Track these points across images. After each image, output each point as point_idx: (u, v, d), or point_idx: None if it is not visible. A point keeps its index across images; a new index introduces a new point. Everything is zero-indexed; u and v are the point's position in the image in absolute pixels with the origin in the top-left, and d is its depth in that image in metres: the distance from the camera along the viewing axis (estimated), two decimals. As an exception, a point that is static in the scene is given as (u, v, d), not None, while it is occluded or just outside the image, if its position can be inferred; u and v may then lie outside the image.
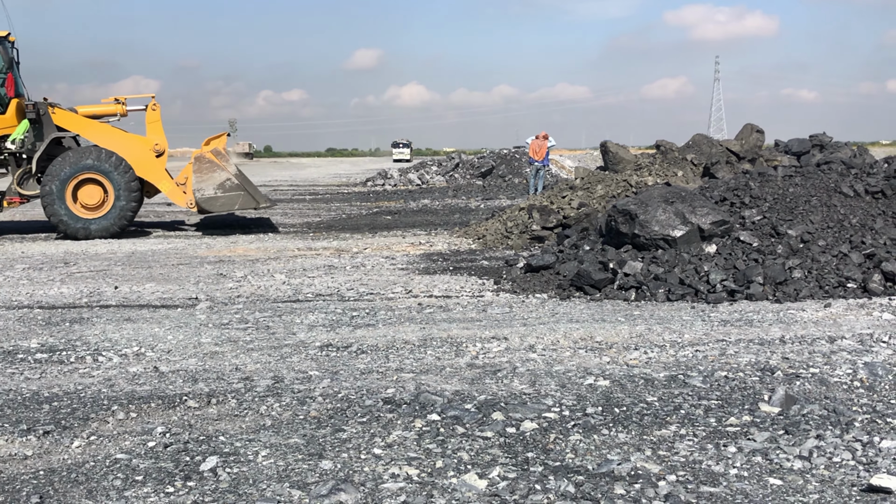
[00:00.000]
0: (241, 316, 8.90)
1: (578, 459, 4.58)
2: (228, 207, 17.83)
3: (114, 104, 19.15)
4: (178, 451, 4.85)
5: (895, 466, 4.39)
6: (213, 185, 17.70)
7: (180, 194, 18.30)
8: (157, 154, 18.38)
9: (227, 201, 17.71)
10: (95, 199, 17.55)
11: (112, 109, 19.10)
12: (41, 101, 18.13)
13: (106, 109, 19.10)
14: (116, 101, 19.22)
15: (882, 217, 10.25)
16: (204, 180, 17.73)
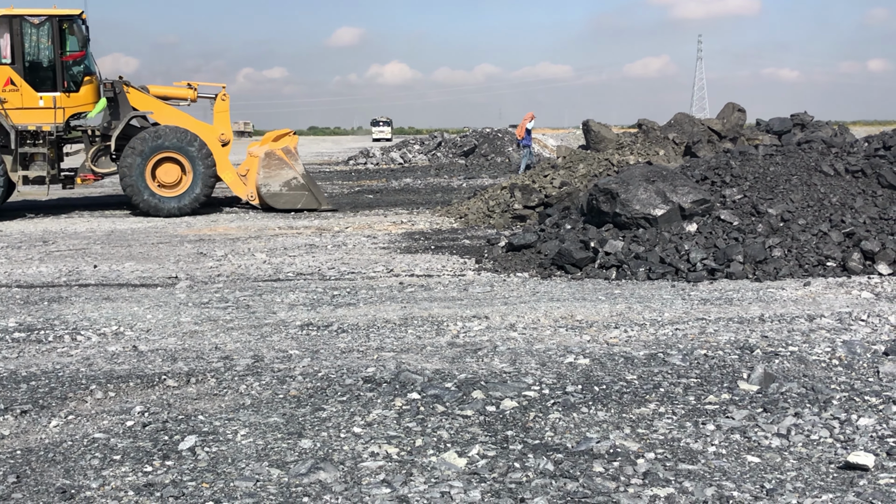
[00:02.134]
0: (221, 295, 8.87)
1: (558, 437, 4.59)
2: (291, 205, 18.17)
3: (186, 88, 19.43)
4: (157, 430, 4.83)
5: (872, 444, 4.42)
6: (280, 183, 18.16)
7: (241, 185, 18.76)
8: (222, 144, 18.74)
9: (291, 199, 18.14)
10: (173, 177, 17.86)
11: (183, 94, 19.36)
12: (117, 80, 18.34)
13: (177, 93, 19.36)
14: (189, 85, 19.50)
15: (862, 196, 10.28)
16: (271, 176, 18.15)
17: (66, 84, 17.90)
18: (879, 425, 4.65)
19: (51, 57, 17.74)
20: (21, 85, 17.51)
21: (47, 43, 17.70)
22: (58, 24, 17.68)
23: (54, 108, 17.69)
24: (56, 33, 17.68)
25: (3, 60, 17.48)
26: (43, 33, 17.63)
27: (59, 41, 17.72)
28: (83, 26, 18.08)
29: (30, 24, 17.59)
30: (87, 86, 18.20)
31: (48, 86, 17.72)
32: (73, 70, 18.06)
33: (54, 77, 17.74)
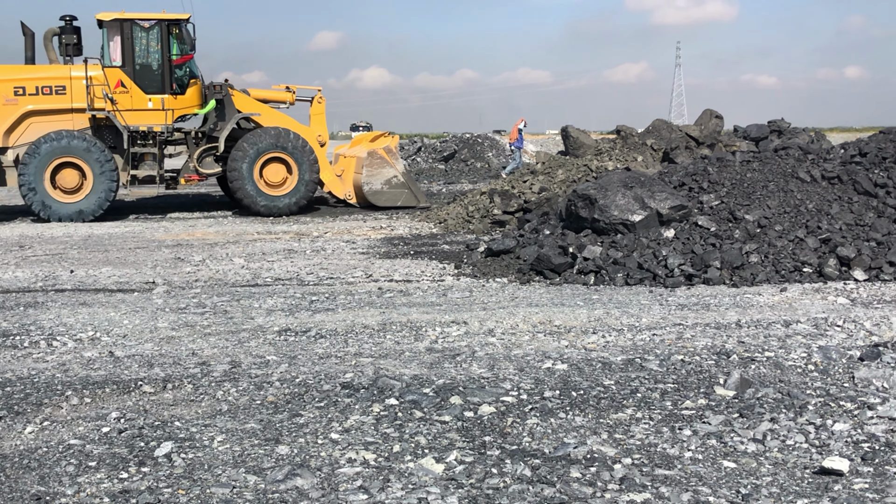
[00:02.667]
0: (198, 300, 8.83)
1: (535, 443, 4.60)
2: (391, 202, 18.85)
3: (285, 92, 19.98)
4: (133, 436, 4.80)
5: (847, 449, 4.45)
6: (381, 181, 18.75)
7: (339, 185, 19.46)
8: (320, 144, 19.28)
9: (391, 197, 18.84)
10: (279, 177, 18.34)
11: (282, 97, 19.90)
12: (223, 83, 18.82)
13: (277, 96, 19.89)
14: (287, 88, 20.05)
15: (838, 202, 10.36)
16: (373, 175, 18.79)
17: (173, 86, 18.36)
18: (854, 430, 4.69)
19: (159, 60, 18.23)
20: (131, 87, 17.99)
21: (156, 46, 18.21)
22: (166, 28, 18.19)
23: (163, 109, 18.18)
24: (165, 37, 18.18)
25: (114, 63, 17.96)
26: (152, 37, 18.17)
27: (167, 44, 18.22)
28: (190, 30, 18.55)
29: (140, 28, 18.08)
30: (192, 88, 18.70)
31: (156, 88, 18.19)
32: (179, 73, 18.55)
33: (162, 79, 18.22)
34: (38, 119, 17.77)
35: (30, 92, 17.73)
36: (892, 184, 10.56)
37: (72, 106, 17.90)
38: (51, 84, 17.84)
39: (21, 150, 17.66)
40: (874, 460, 4.28)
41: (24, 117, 17.73)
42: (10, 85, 17.68)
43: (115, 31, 18.02)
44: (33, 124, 17.75)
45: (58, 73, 18.08)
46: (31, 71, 18.19)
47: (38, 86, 17.79)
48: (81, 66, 18.00)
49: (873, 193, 10.49)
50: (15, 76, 17.83)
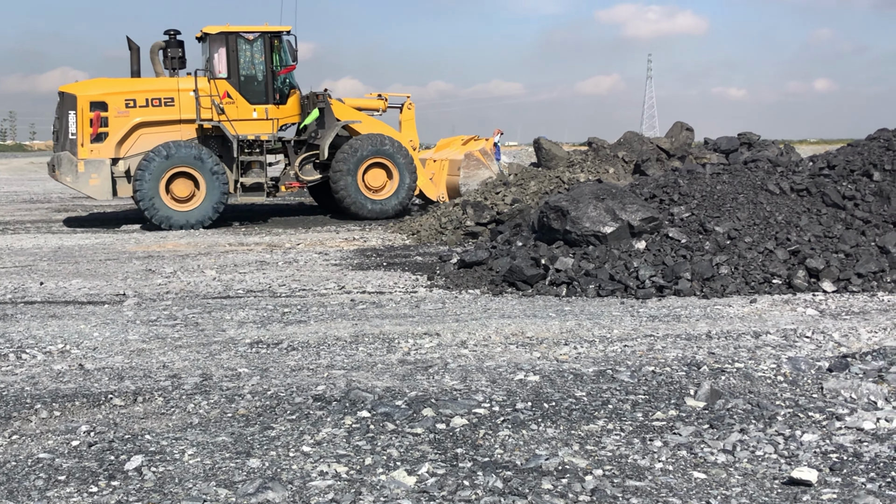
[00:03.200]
0: (169, 312, 8.78)
1: (507, 455, 4.61)
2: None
3: (377, 99, 20.87)
4: (103, 450, 4.77)
5: (815, 459, 4.49)
6: (478, 182, 19.02)
7: (432, 188, 20.29)
8: (411, 149, 20.00)
9: None
10: (380, 181, 19.01)
11: (375, 104, 20.78)
12: (323, 92, 19.52)
13: (370, 104, 20.75)
14: (379, 96, 20.93)
15: (807, 214, 10.47)
16: (470, 176, 19.38)
17: (276, 96, 18.96)
18: (823, 441, 4.73)
19: (263, 71, 18.86)
20: (236, 97, 18.55)
21: (260, 58, 18.85)
22: (269, 40, 18.81)
23: (267, 118, 18.82)
24: (268, 49, 18.79)
25: (220, 75, 18.53)
26: (256, 49, 18.80)
27: (270, 56, 18.83)
28: (292, 42, 19.06)
29: (244, 41, 18.70)
30: (292, 98, 19.31)
31: (260, 98, 18.78)
32: (281, 83, 19.15)
33: (266, 90, 18.83)
34: (148, 130, 18.23)
35: (140, 104, 18.16)
36: (859, 196, 10.68)
37: (180, 117, 18.39)
38: (160, 96, 18.31)
39: (132, 160, 18.10)
40: (842, 470, 4.32)
41: (135, 129, 18.15)
42: (121, 98, 18.08)
43: (220, 43, 18.62)
44: (143, 135, 18.20)
45: (166, 85, 18.60)
46: (141, 84, 18.64)
47: (148, 98, 18.23)
48: (188, 79, 18.63)
49: (841, 205, 10.61)
50: (126, 89, 18.27)
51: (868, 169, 10.99)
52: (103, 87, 18.30)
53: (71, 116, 17.82)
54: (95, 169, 17.79)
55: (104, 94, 18.04)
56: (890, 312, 8.17)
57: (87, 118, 17.78)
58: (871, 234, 10.10)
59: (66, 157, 17.75)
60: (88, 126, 17.79)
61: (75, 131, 17.79)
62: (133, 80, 18.86)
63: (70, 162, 17.70)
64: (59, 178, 17.88)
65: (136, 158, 18.08)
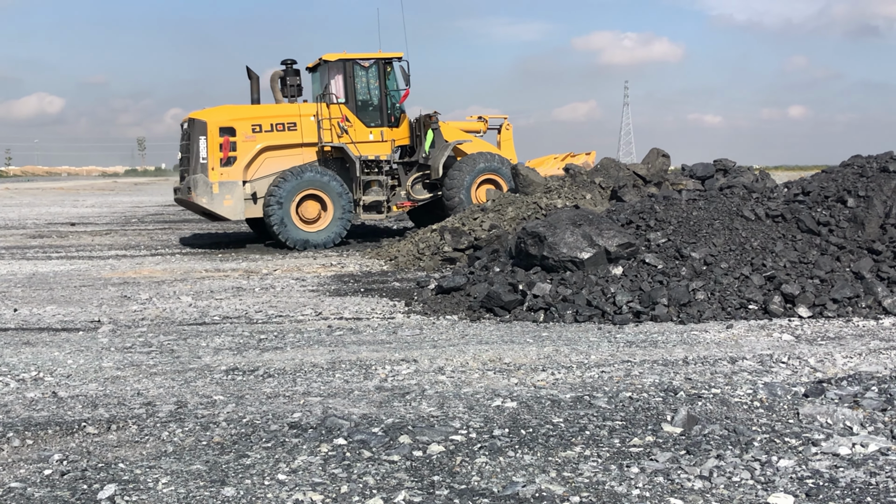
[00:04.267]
0: (144, 339, 8.72)
1: (484, 482, 4.59)
2: None
3: (478, 121, 21.94)
4: (76, 478, 4.71)
5: (792, 485, 4.49)
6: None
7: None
8: None
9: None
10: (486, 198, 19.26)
11: (477, 126, 21.84)
12: (433, 114, 20.27)
13: (473, 126, 21.79)
14: (480, 118, 22.01)
15: (782, 240, 10.53)
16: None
17: (391, 119, 20.08)
18: (799, 467, 4.74)
19: (377, 95, 19.94)
20: (354, 121, 19.64)
21: (374, 83, 19.92)
22: (382, 66, 19.89)
23: (383, 140, 19.95)
24: (382, 74, 19.87)
25: (339, 100, 19.61)
26: (371, 74, 19.87)
27: (384, 81, 19.90)
28: (405, 67, 19.92)
29: (360, 67, 19.80)
30: (403, 120, 20.34)
31: (376, 121, 19.90)
32: (393, 106, 20.17)
33: (381, 113, 19.94)
34: (273, 154, 19.21)
35: (265, 129, 19.11)
36: (834, 222, 10.77)
37: (302, 141, 19.38)
38: (283, 121, 19.32)
39: (258, 183, 19.00)
40: (818, 496, 4.33)
41: (261, 152, 19.04)
42: (248, 123, 18.99)
43: (338, 70, 19.70)
44: (268, 159, 19.16)
45: (288, 111, 19.57)
46: (265, 110, 19.66)
47: (273, 123, 19.21)
48: (308, 105, 19.81)
49: (816, 231, 10.68)
50: (252, 115, 19.27)
51: (842, 195, 11.09)
52: (231, 113, 19.17)
53: (201, 141, 18.62)
54: (229, 190, 18.62)
55: (232, 119, 18.95)
56: (865, 338, 8.22)
57: (217, 143, 18.64)
58: (846, 260, 10.18)
59: (202, 179, 18.52)
60: (218, 150, 18.65)
61: (206, 155, 18.63)
62: (257, 107, 19.83)
63: (206, 184, 18.49)
64: (195, 200, 18.51)
65: (261, 181, 19.01)
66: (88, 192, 59.20)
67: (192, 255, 17.78)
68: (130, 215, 32.51)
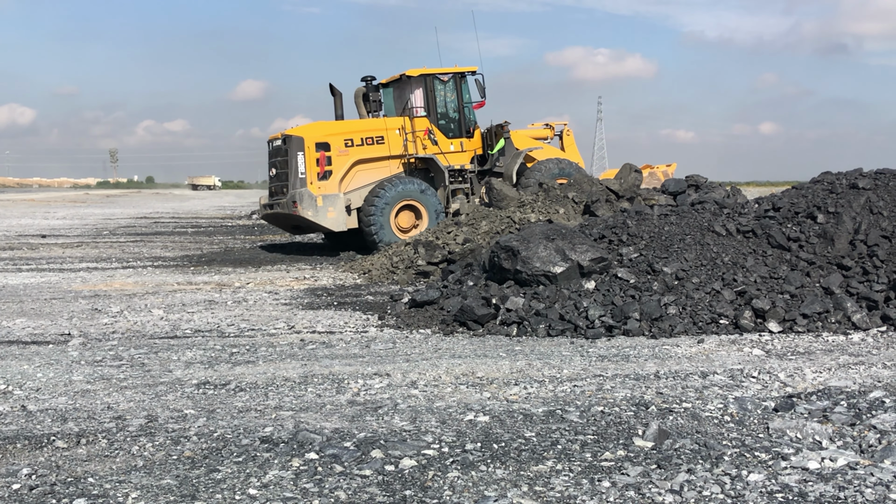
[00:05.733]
0: (115, 353, 8.66)
1: (456, 496, 4.59)
2: None
3: (545, 129, 22.82)
4: (45, 493, 4.66)
5: (761, 499, 4.52)
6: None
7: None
8: None
9: None
10: None
11: (545, 133, 22.75)
12: (503, 123, 20.97)
13: (541, 133, 22.70)
14: (546, 125, 22.86)
15: (753, 255, 10.62)
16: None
17: (469, 130, 21.07)
18: (769, 481, 4.77)
19: (455, 107, 20.98)
20: (436, 133, 20.61)
21: (452, 96, 20.93)
22: (460, 80, 20.88)
23: (463, 150, 20.92)
24: (459, 87, 20.87)
25: (421, 113, 20.58)
26: (449, 88, 20.85)
27: (461, 94, 20.91)
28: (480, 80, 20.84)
29: (440, 81, 20.76)
30: (476, 131, 21.23)
31: (455, 132, 20.90)
32: (468, 118, 21.10)
33: (459, 125, 20.97)
34: (364, 167, 20.13)
35: (356, 143, 20.01)
36: (804, 238, 10.87)
37: (389, 153, 20.30)
38: (372, 135, 20.21)
39: (352, 195, 19.81)
40: (787, 510, 4.36)
41: (353, 166, 19.95)
42: (341, 138, 19.93)
43: (418, 84, 20.70)
44: (359, 172, 20.06)
45: (376, 125, 20.50)
46: (355, 125, 20.57)
47: (363, 137, 20.12)
48: (394, 119, 20.68)
49: (786, 247, 10.78)
50: (344, 130, 20.22)
51: (812, 211, 11.20)
52: (324, 129, 20.09)
53: (299, 157, 19.53)
54: (332, 203, 19.44)
55: (327, 135, 19.85)
56: (834, 353, 8.29)
57: (314, 158, 19.53)
58: (816, 276, 10.27)
59: (308, 193, 19.26)
60: (315, 165, 19.54)
61: (304, 170, 19.52)
62: (348, 122, 20.79)
63: (311, 197, 19.26)
64: (301, 213, 19.19)
65: (355, 193, 19.84)
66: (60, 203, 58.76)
67: (164, 268, 17.67)
68: (102, 227, 32.29)
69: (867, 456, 5.18)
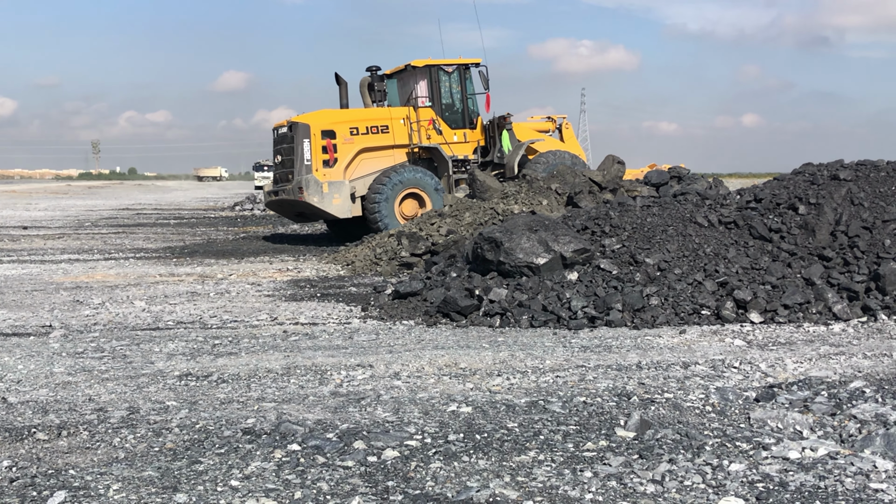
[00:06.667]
0: (96, 344, 8.62)
1: (438, 487, 4.59)
2: None
3: (547, 121, 23.19)
4: (25, 485, 4.64)
5: (742, 489, 4.55)
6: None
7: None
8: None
9: None
10: None
11: (546, 126, 23.07)
12: (506, 116, 21.27)
13: (542, 125, 23.05)
14: (548, 118, 23.25)
15: (734, 247, 10.66)
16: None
17: (472, 121, 21.36)
18: (750, 471, 4.79)
19: (459, 98, 21.30)
20: (440, 123, 20.88)
21: (457, 87, 21.21)
22: (464, 71, 21.19)
23: (466, 141, 21.17)
24: (462, 79, 21.18)
25: (426, 103, 20.86)
26: (454, 80, 21.12)
27: (465, 85, 21.23)
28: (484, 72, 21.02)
29: (444, 72, 21.04)
30: (478, 123, 21.49)
31: (458, 123, 21.20)
32: (472, 109, 21.39)
33: (463, 116, 21.29)
34: (368, 155, 20.38)
35: (362, 132, 20.28)
36: (785, 229, 10.92)
37: (394, 143, 20.55)
38: (377, 124, 20.46)
39: (357, 183, 20.02)
40: (769, 500, 4.38)
41: (358, 154, 20.20)
42: (346, 126, 20.19)
43: (423, 75, 20.97)
44: (364, 160, 20.32)
45: (381, 114, 20.74)
46: (360, 114, 20.84)
47: (368, 126, 20.38)
48: (399, 108, 20.94)
49: (768, 238, 10.83)
50: (349, 118, 20.47)
51: (794, 202, 11.25)
52: (330, 117, 20.33)
53: (305, 144, 19.71)
54: (337, 190, 19.63)
55: (332, 123, 20.08)
56: (815, 343, 8.34)
57: (320, 145, 19.73)
58: (797, 267, 10.32)
59: (314, 179, 19.46)
60: (321, 152, 19.75)
61: (310, 157, 19.72)
62: (353, 111, 21.04)
63: (317, 184, 19.46)
64: (307, 199, 19.38)
65: (360, 181, 20.06)
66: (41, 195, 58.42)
67: (147, 260, 17.61)
68: (84, 219, 32.13)
69: (847, 446, 5.21)
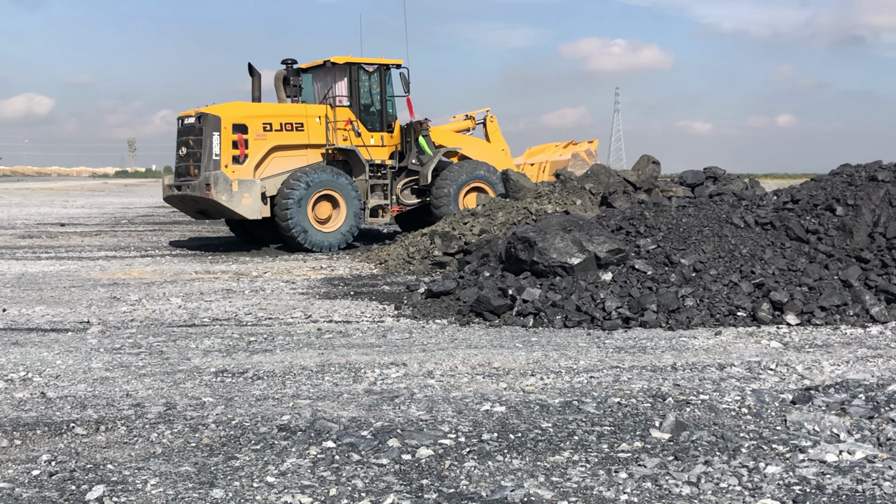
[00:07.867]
0: (133, 340, 8.71)
1: (473, 486, 4.60)
2: None
3: (465, 120, 22.54)
4: (64, 479, 4.70)
5: (779, 492, 4.52)
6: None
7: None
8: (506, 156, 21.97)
9: None
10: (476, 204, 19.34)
11: (465, 125, 22.47)
12: (424, 121, 20.50)
13: (461, 125, 22.43)
14: (467, 116, 22.60)
15: (771, 248, 10.58)
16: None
17: (390, 125, 20.31)
18: (786, 473, 4.76)
19: (378, 100, 20.19)
20: (358, 125, 19.76)
21: (377, 88, 20.14)
22: (384, 72, 20.10)
23: (384, 145, 20.15)
24: (383, 80, 20.12)
25: (344, 103, 19.66)
26: (374, 80, 20.07)
27: (385, 87, 20.16)
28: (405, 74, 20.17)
29: (365, 71, 19.91)
30: (396, 126, 20.50)
31: (377, 126, 20.11)
32: (390, 112, 20.39)
33: (381, 118, 20.18)
34: (281, 154, 19.08)
35: (275, 128, 18.95)
36: (823, 230, 10.82)
37: (308, 142, 19.29)
38: (292, 121, 19.17)
39: (267, 182, 18.59)
40: (805, 503, 4.35)
41: (270, 152, 18.87)
42: (259, 121, 18.78)
43: (343, 74, 19.74)
44: (276, 158, 18.98)
45: (296, 111, 19.45)
46: (275, 109, 19.47)
47: (282, 122, 19.05)
48: (315, 106, 19.64)
49: (805, 239, 10.73)
50: (263, 113, 19.08)
51: (831, 203, 11.14)
52: (243, 110, 18.91)
53: (214, 137, 18.27)
54: (248, 189, 18.21)
55: (245, 116, 18.67)
56: (852, 345, 8.26)
57: (230, 140, 18.33)
58: (834, 268, 10.22)
59: (223, 176, 18.03)
60: (231, 147, 18.33)
61: (219, 152, 18.29)
62: (267, 105, 19.69)
63: (226, 181, 18.03)
64: (214, 196, 17.95)
65: (270, 180, 18.68)
66: (78, 192, 59.04)
67: (182, 257, 17.75)
68: (120, 216, 32.44)
69: (885, 449, 5.16)
